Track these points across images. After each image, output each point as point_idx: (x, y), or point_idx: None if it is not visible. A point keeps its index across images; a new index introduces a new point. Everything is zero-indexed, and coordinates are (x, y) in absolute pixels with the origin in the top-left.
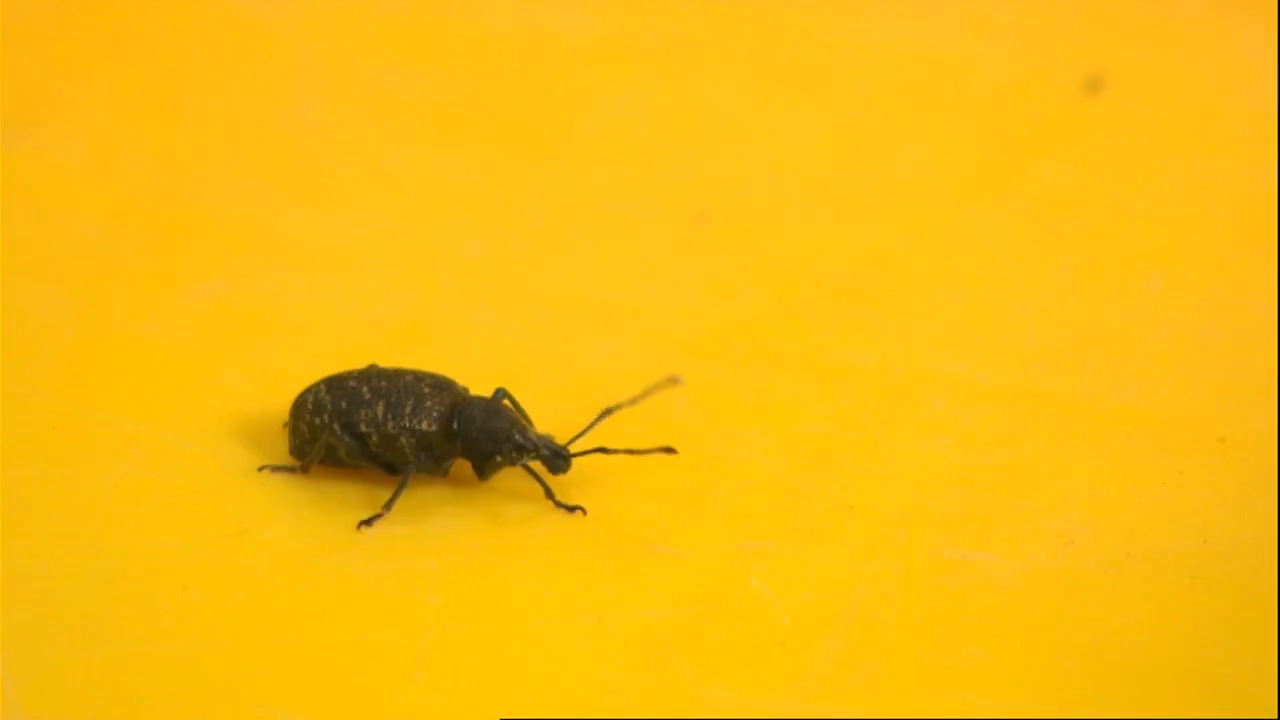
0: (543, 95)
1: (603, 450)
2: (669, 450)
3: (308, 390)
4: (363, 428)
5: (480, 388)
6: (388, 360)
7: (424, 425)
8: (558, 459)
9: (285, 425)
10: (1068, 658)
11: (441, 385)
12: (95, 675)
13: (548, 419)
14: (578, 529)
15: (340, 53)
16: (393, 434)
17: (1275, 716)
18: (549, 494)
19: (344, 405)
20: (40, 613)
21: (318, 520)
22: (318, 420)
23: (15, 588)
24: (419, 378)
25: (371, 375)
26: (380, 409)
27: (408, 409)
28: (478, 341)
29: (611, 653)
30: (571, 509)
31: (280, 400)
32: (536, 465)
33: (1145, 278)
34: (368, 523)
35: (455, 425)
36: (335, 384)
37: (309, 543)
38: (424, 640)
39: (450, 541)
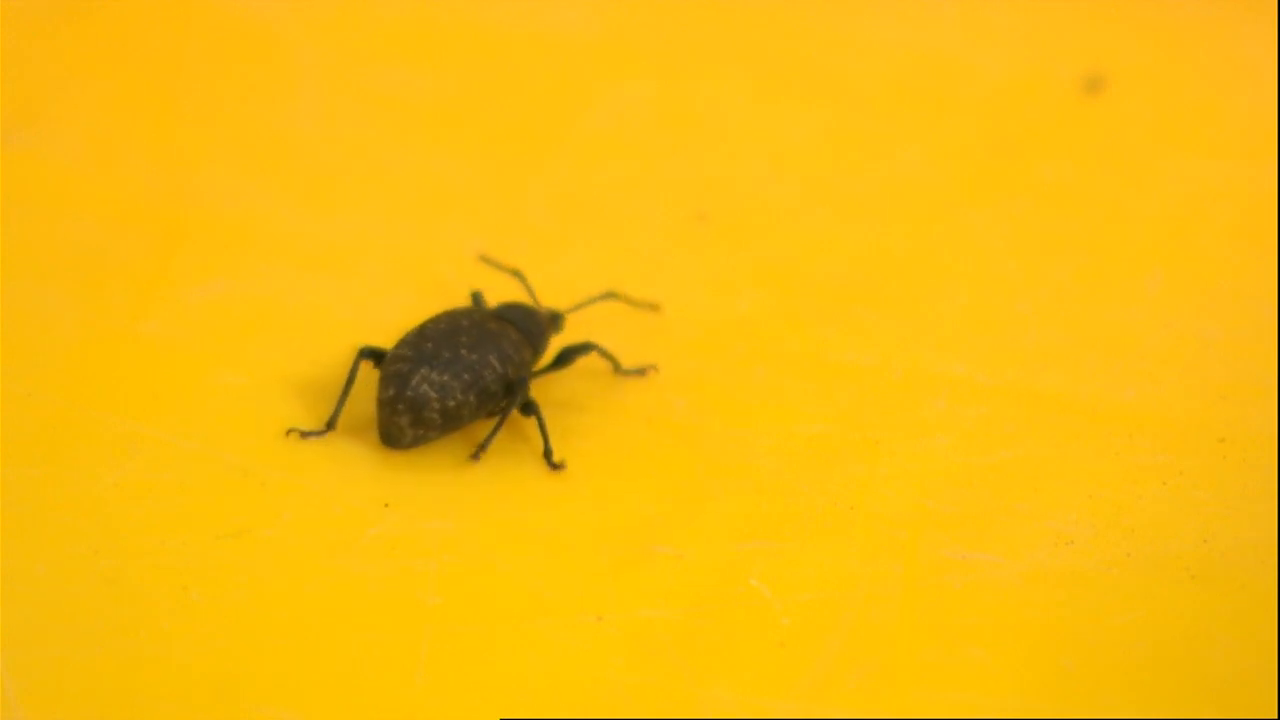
0: (543, 95)
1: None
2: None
3: (404, 383)
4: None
5: None
6: None
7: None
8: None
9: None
10: (1068, 658)
11: (479, 342)
12: (95, 675)
13: (548, 419)
14: (577, 529)
15: (340, 53)
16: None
17: (1275, 717)
18: (547, 451)
19: (466, 378)
20: (40, 613)
21: (318, 520)
22: (451, 403)
23: (15, 588)
24: (469, 349)
25: (425, 352)
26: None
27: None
28: None
29: (611, 653)
30: (556, 465)
31: (280, 400)
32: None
33: (1145, 278)
34: (481, 448)
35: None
36: (421, 361)
37: (309, 543)
38: (424, 640)
39: (450, 541)
